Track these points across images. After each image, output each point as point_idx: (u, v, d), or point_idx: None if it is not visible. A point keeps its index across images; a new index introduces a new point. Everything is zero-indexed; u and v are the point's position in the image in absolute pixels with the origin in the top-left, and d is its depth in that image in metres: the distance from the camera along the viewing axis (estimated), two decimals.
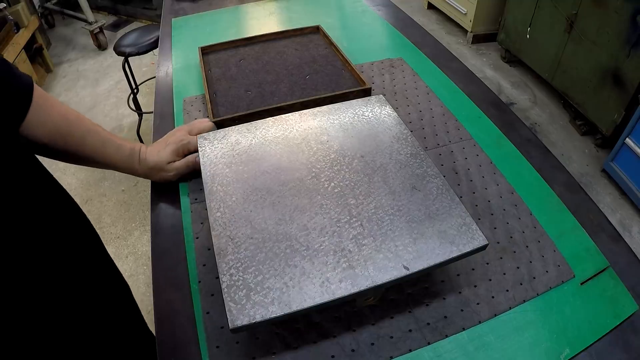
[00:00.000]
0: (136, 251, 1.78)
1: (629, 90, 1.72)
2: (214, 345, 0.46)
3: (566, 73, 2.09)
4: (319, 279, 0.41)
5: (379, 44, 0.99)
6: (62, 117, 0.56)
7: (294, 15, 1.13)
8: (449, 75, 0.86)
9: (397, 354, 0.45)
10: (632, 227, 1.70)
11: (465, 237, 0.45)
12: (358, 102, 0.63)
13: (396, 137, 0.57)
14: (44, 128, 0.53)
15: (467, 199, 0.61)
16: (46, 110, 0.54)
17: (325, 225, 0.46)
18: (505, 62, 2.68)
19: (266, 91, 0.80)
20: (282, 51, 0.92)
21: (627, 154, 1.71)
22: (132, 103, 2.16)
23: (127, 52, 1.87)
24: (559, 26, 2.06)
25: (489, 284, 0.51)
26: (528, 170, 0.66)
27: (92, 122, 0.60)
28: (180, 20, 1.16)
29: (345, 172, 0.52)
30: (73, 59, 3.16)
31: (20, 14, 2.55)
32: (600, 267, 0.53)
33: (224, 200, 0.49)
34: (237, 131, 0.59)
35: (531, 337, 0.46)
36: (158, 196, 0.65)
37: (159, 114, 0.82)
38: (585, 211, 0.60)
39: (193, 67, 0.92)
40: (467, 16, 2.79)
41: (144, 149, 0.64)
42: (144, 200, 1.99)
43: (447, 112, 0.77)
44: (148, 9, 3.36)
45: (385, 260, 0.43)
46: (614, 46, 1.75)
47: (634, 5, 1.62)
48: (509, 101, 2.38)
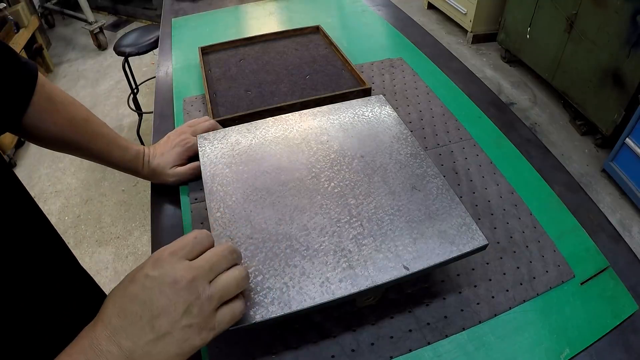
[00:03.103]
0: (136, 251, 1.78)
1: (629, 90, 1.72)
2: (214, 345, 0.46)
3: (566, 73, 2.09)
4: (319, 279, 0.41)
5: (379, 44, 0.99)
6: (68, 122, 0.55)
7: (294, 15, 1.13)
8: (449, 75, 0.86)
9: (397, 354, 0.45)
10: (632, 227, 1.70)
11: (465, 237, 0.45)
12: (358, 102, 0.63)
13: (396, 137, 0.57)
14: (48, 132, 0.53)
15: (467, 199, 0.61)
16: (51, 115, 0.53)
17: (325, 225, 0.46)
18: (505, 62, 2.68)
19: (266, 91, 0.80)
20: (282, 51, 0.92)
21: (627, 154, 1.71)
22: (132, 103, 2.16)
23: (127, 52, 1.87)
24: (559, 26, 2.06)
25: (489, 284, 0.51)
26: (528, 170, 0.66)
27: (99, 124, 0.59)
28: (180, 20, 1.16)
29: (345, 172, 0.52)
30: (73, 59, 3.16)
31: (20, 14, 2.55)
32: (600, 267, 0.53)
33: (224, 200, 0.49)
34: (237, 131, 0.59)
35: (531, 337, 0.46)
36: (158, 196, 0.65)
37: (159, 114, 0.82)
38: (585, 211, 0.60)
39: (193, 67, 0.92)
40: (467, 16, 2.79)
41: (147, 151, 0.63)
42: (144, 200, 1.99)
43: (447, 112, 0.77)
44: (148, 9, 3.36)
45: (385, 260, 0.43)
46: (614, 46, 1.75)
47: (634, 5, 1.62)
48: (509, 101, 2.38)
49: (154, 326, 0.32)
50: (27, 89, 0.50)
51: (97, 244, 1.82)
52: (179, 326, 0.32)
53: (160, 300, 0.32)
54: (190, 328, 0.33)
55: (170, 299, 0.32)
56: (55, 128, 0.53)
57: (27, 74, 0.50)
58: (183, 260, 0.34)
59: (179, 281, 0.32)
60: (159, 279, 0.32)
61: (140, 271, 0.33)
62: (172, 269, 0.33)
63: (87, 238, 1.85)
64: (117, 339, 0.31)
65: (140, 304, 0.32)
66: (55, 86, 0.55)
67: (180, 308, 0.32)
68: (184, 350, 0.33)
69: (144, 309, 0.32)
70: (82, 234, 1.86)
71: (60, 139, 0.55)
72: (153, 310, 0.32)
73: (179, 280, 0.32)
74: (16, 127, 0.51)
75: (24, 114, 0.50)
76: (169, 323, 0.32)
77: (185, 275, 0.33)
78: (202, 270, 0.34)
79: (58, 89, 0.55)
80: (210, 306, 0.34)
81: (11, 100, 0.48)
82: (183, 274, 0.33)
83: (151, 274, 0.33)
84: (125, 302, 0.32)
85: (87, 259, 1.75)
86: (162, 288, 0.32)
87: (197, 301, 0.33)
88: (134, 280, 0.33)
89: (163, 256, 0.34)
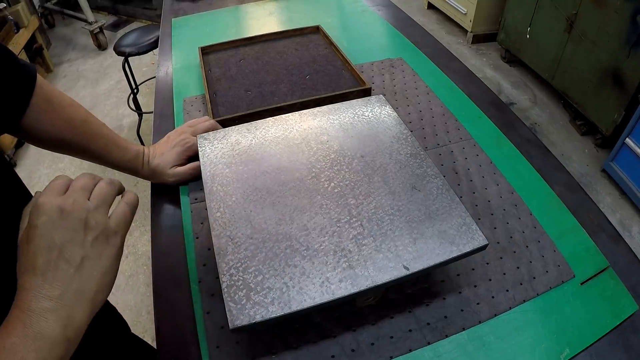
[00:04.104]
0: (136, 251, 1.78)
1: (629, 90, 1.72)
2: (214, 345, 0.46)
3: (566, 73, 2.08)
4: (319, 279, 0.41)
5: (379, 44, 0.99)
6: (67, 124, 0.55)
7: (294, 15, 1.13)
8: (449, 75, 0.86)
9: (397, 354, 0.45)
10: (632, 227, 1.70)
11: (465, 237, 0.45)
12: (358, 102, 0.63)
13: (396, 137, 0.57)
14: (47, 134, 0.53)
15: (467, 199, 0.61)
16: (50, 117, 0.53)
17: (325, 225, 0.46)
18: (505, 62, 2.68)
19: (266, 91, 0.80)
20: (282, 51, 0.92)
21: (627, 154, 1.70)
22: (132, 103, 2.16)
23: (127, 52, 1.87)
24: (559, 26, 2.06)
25: (489, 284, 0.51)
26: (528, 170, 0.66)
27: (98, 124, 0.59)
28: (180, 20, 1.16)
29: (345, 172, 0.52)
30: (73, 59, 3.15)
31: (20, 14, 2.54)
32: (600, 267, 0.53)
33: (224, 200, 0.49)
34: (237, 131, 0.59)
35: (531, 337, 0.46)
36: (158, 196, 0.65)
37: (159, 114, 0.82)
38: (585, 211, 0.60)
39: (193, 67, 0.92)
40: (467, 16, 2.79)
41: (147, 151, 0.63)
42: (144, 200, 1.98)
43: (447, 112, 0.77)
44: (148, 9, 3.36)
45: (385, 260, 0.43)
46: (614, 46, 1.75)
47: (634, 5, 1.62)
48: (509, 101, 2.38)
49: (68, 259, 0.32)
50: (26, 91, 0.50)
51: None
52: (88, 244, 0.34)
53: (58, 234, 0.33)
54: (97, 240, 0.34)
55: (66, 227, 0.33)
56: (54, 129, 0.53)
57: (26, 76, 0.50)
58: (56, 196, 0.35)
59: (63, 209, 0.33)
60: (46, 219, 0.33)
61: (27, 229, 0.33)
62: (51, 204, 0.33)
63: None
64: (44, 293, 0.31)
65: (45, 250, 0.32)
66: (54, 87, 0.55)
67: (79, 228, 0.33)
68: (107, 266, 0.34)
69: (50, 253, 0.32)
70: None
71: (59, 140, 0.55)
72: (58, 246, 0.32)
73: (64, 208, 0.33)
74: (15, 129, 0.51)
75: (22, 115, 0.50)
76: (78, 246, 0.33)
77: (66, 202, 0.34)
78: (75, 193, 0.35)
79: (57, 90, 0.55)
80: (102, 212, 0.35)
81: (10, 102, 0.48)
82: (62, 202, 0.34)
83: (37, 221, 0.33)
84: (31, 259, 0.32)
85: None
86: (54, 224, 0.33)
87: (89, 215, 0.34)
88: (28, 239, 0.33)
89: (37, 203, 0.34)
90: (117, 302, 1.55)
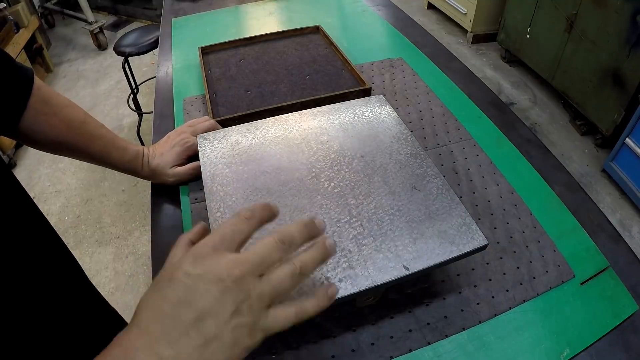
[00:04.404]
0: (136, 251, 1.78)
1: (629, 90, 1.72)
2: None
3: (566, 73, 2.09)
4: (318, 279, 0.41)
5: (379, 44, 0.99)
6: (65, 125, 0.54)
7: (294, 15, 1.13)
8: (449, 75, 0.86)
9: (397, 354, 0.45)
10: (632, 227, 1.70)
11: (465, 237, 0.45)
12: (358, 102, 0.63)
13: (396, 137, 0.57)
14: (45, 135, 0.53)
15: (467, 199, 0.61)
16: (48, 118, 0.53)
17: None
18: (505, 62, 2.68)
19: (266, 91, 0.80)
20: (282, 51, 0.92)
21: (627, 154, 1.71)
22: (132, 103, 2.16)
23: (127, 52, 1.87)
24: (559, 26, 2.06)
25: (489, 284, 0.51)
26: (528, 170, 0.66)
27: (97, 125, 0.59)
28: (180, 20, 1.16)
29: (345, 172, 0.52)
30: (73, 59, 3.16)
31: (20, 14, 2.54)
32: (600, 267, 0.53)
33: (224, 200, 0.49)
34: (237, 131, 0.59)
35: (531, 337, 0.46)
36: (158, 196, 0.65)
37: (159, 114, 0.82)
38: (585, 211, 0.60)
39: (193, 67, 0.92)
40: (467, 16, 2.79)
41: (147, 152, 0.63)
42: (144, 200, 1.99)
43: (447, 112, 0.77)
44: (148, 9, 3.36)
45: (385, 260, 0.43)
46: (614, 46, 1.75)
47: (634, 5, 1.62)
48: (509, 101, 2.38)
49: (200, 329, 0.27)
50: (23, 93, 0.50)
51: (97, 244, 1.82)
52: (229, 328, 0.28)
53: (205, 300, 0.28)
54: (240, 329, 0.29)
55: (217, 299, 0.28)
56: (52, 131, 0.53)
57: (23, 78, 0.50)
58: (227, 253, 0.30)
59: (224, 279, 0.29)
60: (203, 276, 0.29)
61: (178, 269, 0.29)
62: (217, 264, 0.29)
63: (87, 238, 1.85)
64: (157, 348, 0.27)
65: (183, 306, 0.28)
66: (52, 89, 0.55)
67: (228, 308, 0.28)
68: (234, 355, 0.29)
69: (187, 311, 0.28)
70: (82, 234, 1.86)
71: (57, 142, 0.54)
72: (198, 311, 0.28)
73: (225, 278, 0.29)
74: (13, 131, 0.50)
75: (20, 117, 0.50)
76: (217, 325, 0.28)
77: (232, 272, 0.29)
78: (250, 264, 0.30)
79: (54, 92, 0.55)
80: (262, 304, 0.30)
81: (7, 105, 0.48)
82: (229, 270, 0.29)
83: (193, 272, 0.29)
84: (164, 305, 0.28)
85: (87, 259, 1.75)
86: (207, 287, 0.28)
87: (247, 299, 0.29)
88: (173, 280, 0.29)
89: (204, 251, 0.30)
90: (117, 302, 1.55)
